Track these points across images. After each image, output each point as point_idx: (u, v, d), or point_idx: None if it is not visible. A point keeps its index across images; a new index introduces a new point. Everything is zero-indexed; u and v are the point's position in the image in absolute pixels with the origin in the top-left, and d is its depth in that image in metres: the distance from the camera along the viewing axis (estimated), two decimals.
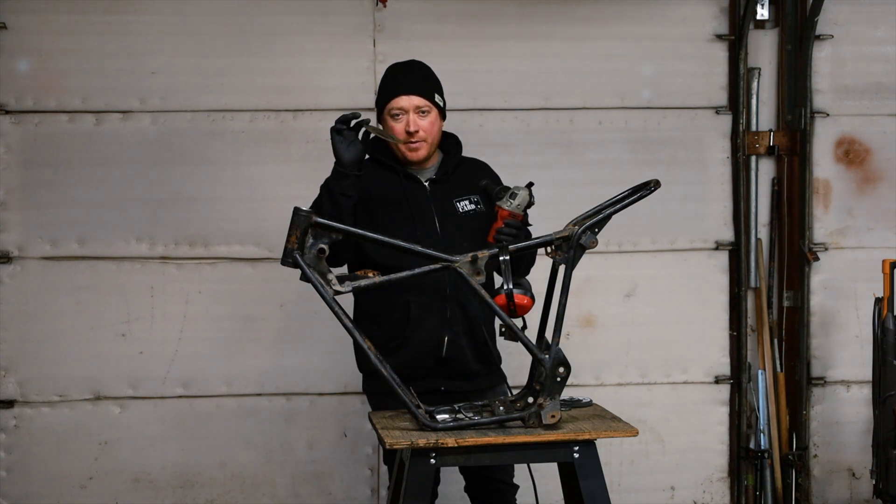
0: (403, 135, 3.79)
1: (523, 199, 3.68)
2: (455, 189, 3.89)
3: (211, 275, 5.22)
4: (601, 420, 3.53)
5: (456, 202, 3.87)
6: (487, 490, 4.03)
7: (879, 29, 5.46)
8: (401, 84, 3.82)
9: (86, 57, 5.13)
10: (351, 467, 5.30)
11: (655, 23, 5.37)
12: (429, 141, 3.83)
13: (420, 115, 3.80)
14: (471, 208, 3.87)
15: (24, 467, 5.18)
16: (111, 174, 5.16)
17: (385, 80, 3.89)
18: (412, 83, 3.82)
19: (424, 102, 3.81)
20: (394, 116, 3.80)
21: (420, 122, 3.80)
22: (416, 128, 3.79)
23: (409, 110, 3.79)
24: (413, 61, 3.94)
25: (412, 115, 3.79)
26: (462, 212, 3.86)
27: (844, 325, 5.48)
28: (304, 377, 5.26)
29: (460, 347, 3.81)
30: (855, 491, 5.50)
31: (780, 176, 5.50)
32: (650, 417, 5.41)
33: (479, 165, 4.01)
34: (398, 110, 3.79)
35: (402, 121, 3.79)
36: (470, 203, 3.88)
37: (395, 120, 3.80)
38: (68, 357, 5.17)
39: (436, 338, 3.79)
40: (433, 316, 3.79)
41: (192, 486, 5.25)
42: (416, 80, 3.84)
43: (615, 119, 5.38)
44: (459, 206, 3.86)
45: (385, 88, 3.86)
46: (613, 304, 5.40)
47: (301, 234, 3.30)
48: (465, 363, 3.84)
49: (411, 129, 3.79)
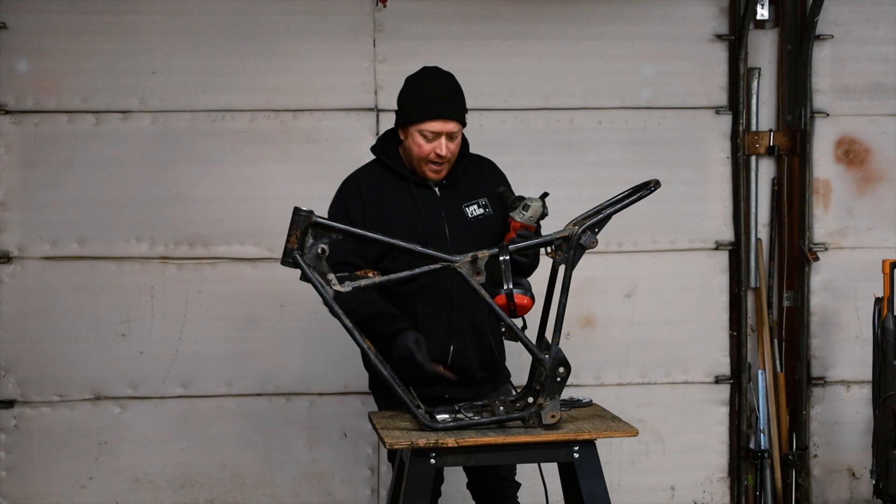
0: (432, 156, 3.74)
1: (536, 211, 3.65)
2: (464, 194, 3.87)
3: (211, 275, 5.22)
4: (601, 420, 3.53)
5: (465, 207, 3.86)
6: (489, 487, 4.03)
7: (879, 29, 5.46)
8: (441, 108, 3.73)
9: (86, 57, 5.13)
10: (351, 467, 5.30)
11: (655, 23, 5.37)
12: (451, 161, 3.81)
13: (450, 139, 3.75)
14: (479, 213, 3.86)
15: (24, 467, 5.18)
16: (111, 174, 5.16)
17: (421, 93, 3.77)
18: (452, 109, 3.75)
19: (458, 127, 3.76)
20: (424, 136, 3.73)
21: (450, 145, 3.75)
22: (446, 153, 3.75)
23: (442, 134, 3.73)
24: (449, 76, 3.83)
25: (444, 139, 3.73)
26: (471, 217, 3.85)
27: (844, 325, 5.48)
28: (304, 377, 5.26)
29: (466, 356, 3.82)
30: (855, 491, 5.51)
31: (780, 176, 5.50)
32: (650, 417, 5.41)
33: (485, 164, 4.00)
34: (432, 133, 3.73)
35: (434, 144, 3.73)
36: (478, 208, 3.87)
37: (425, 139, 3.73)
38: (68, 357, 5.17)
39: (442, 347, 3.79)
40: (440, 325, 3.79)
41: (192, 486, 5.25)
42: (454, 104, 3.76)
43: (615, 119, 5.38)
44: (468, 212, 3.85)
45: (421, 105, 3.74)
46: (613, 304, 5.40)
47: (301, 234, 3.30)
48: (471, 371, 3.84)
49: (442, 153, 3.74)
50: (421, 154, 3.75)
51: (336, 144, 5.23)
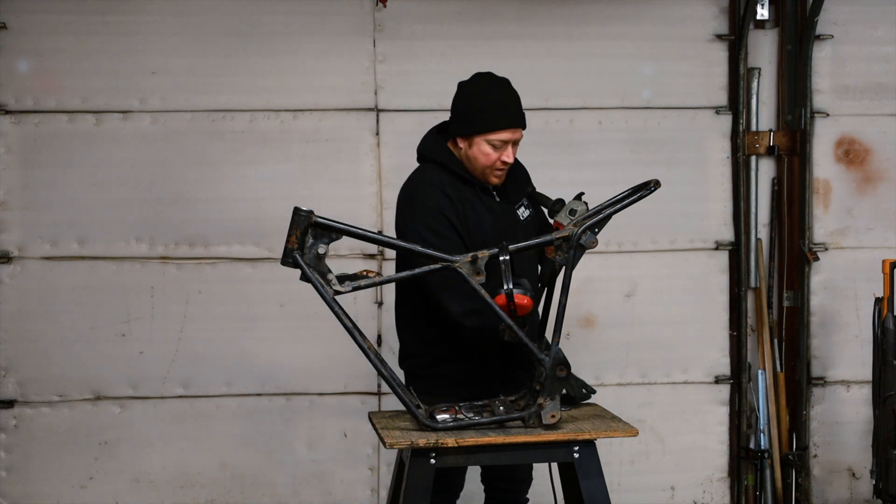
0: (498, 163, 3.72)
1: (582, 213, 3.60)
2: (513, 197, 3.88)
3: (211, 275, 5.22)
4: (601, 420, 3.53)
5: (517, 210, 3.87)
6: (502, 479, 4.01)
7: (879, 29, 5.46)
8: (512, 116, 3.72)
9: (86, 57, 5.14)
10: (351, 467, 5.30)
11: (655, 23, 5.37)
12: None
13: (515, 145, 3.75)
14: (527, 214, 3.89)
15: (24, 467, 5.18)
16: (111, 174, 5.16)
17: (489, 103, 3.72)
18: (520, 117, 3.74)
19: (521, 135, 3.76)
20: (493, 144, 3.70)
21: (514, 152, 3.76)
22: (513, 160, 3.75)
23: (510, 142, 3.72)
24: (506, 83, 3.79)
25: (511, 146, 3.73)
26: (522, 219, 3.87)
27: (844, 325, 5.48)
28: (304, 377, 5.26)
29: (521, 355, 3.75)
30: (855, 491, 5.51)
31: (780, 176, 5.50)
32: (650, 417, 5.41)
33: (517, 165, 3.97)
34: (500, 142, 3.70)
35: (501, 151, 3.71)
36: (525, 209, 3.89)
37: (493, 147, 3.71)
38: (68, 357, 5.17)
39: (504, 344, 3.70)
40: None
41: (192, 486, 5.25)
42: (519, 110, 3.76)
43: (615, 119, 5.38)
44: (520, 214, 3.87)
45: (492, 115, 3.70)
46: (613, 304, 5.40)
47: (301, 234, 3.30)
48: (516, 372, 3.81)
49: (510, 161, 3.73)
50: (488, 162, 3.71)
51: (336, 144, 5.23)
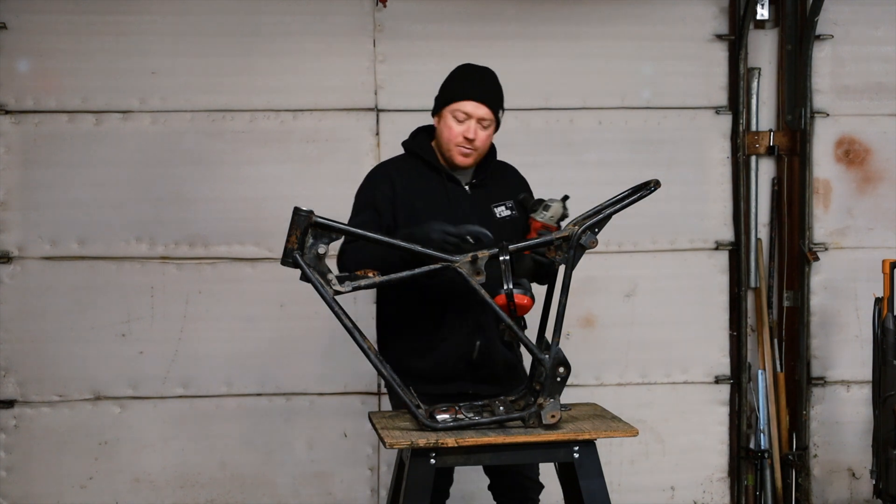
0: (460, 139, 3.78)
1: (556, 212, 3.68)
2: (493, 195, 3.90)
3: (211, 275, 5.22)
4: (601, 420, 3.53)
5: (494, 207, 3.88)
6: (511, 487, 4.01)
7: (879, 29, 5.46)
8: (476, 89, 3.80)
9: (86, 57, 5.14)
10: (351, 467, 5.30)
11: (655, 23, 5.37)
12: (480, 152, 3.84)
13: (481, 126, 3.79)
14: (507, 214, 3.89)
15: (24, 467, 5.18)
16: (111, 174, 5.16)
17: (458, 77, 3.86)
18: (486, 93, 3.81)
19: (489, 115, 3.80)
20: (456, 117, 3.78)
21: (480, 132, 3.79)
22: (475, 136, 3.78)
23: (473, 117, 3.78)
24: (488, 69, 3.91)
25: (475, 122, 3.78)
26: (499, 217, 3.87)
27: (844, 325, 5.48)
28: (304, 377, 5.26)
29: (491, 353, 3.83)
30: (855, 491, 5.50)
31: (780, 176, 5.49)
32: (650, 417, 5.41)
33: (509, 169, 4.03)
34: (464, 114, 3.77)
35: (464, 126, 3.78)
36: (506, 209, 3.90)
37: (457, 122, 3.78)
38: (68, 357, 5.17)
39: (469, 342, 3.81)
40: (467, 321, 3.80)
41: (192, 486, 5.25)
42: (490, 90, 3.83)
43: (615, 119, 5.38)
44: (497, 212, 3.88)
45: (457, 86, 3.83)
46: (613, 304, 5.40)
47: (301, 234, 3.30)
48: (494, 368, 3.85)
49: (470, 136, 3.78)
50: (451, 136, 3.79)
51: (336, 144, 5.23)
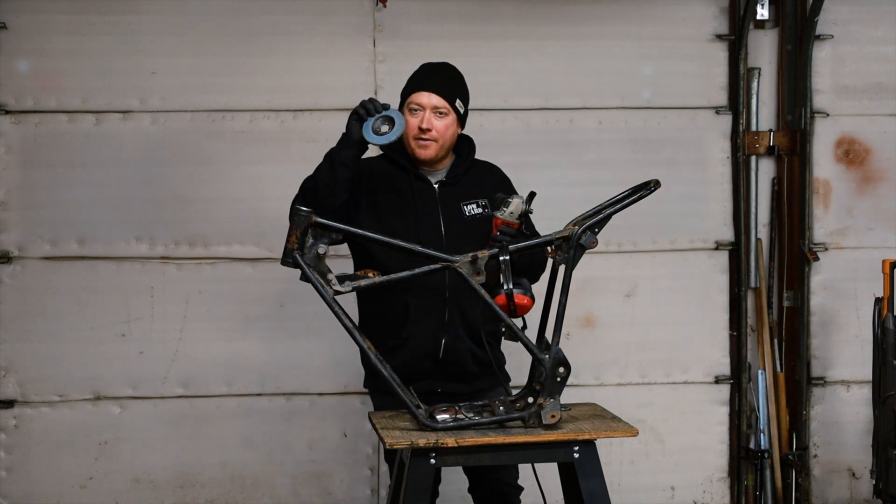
0: (416, 130, 3.82)
1: (516, 208, 3.65)
2: (463, 192, 3.90)
3: (211, 275, 5.22)
4: (601, 420, 3.53)
5: (463, 205, 3.88)
6: (491, 492, 4.02)
7: (879, 29, 5.46)
8: (425, 81, 3.86)
9: (86, 57, 5.13)
10: (351, 467, 5.30)
11: (655, 23, 5.37)
12: (440, 142, 3.84)
13: (437, 115, 3.82)
14: (477, 212, 3.89)
15: (24, 467, 5.18)
16: (111, 174, 5.16)
17: (413, 74, 3.93)
18: (436, 83, 3.86)
19: (443, 104, 3.83)
20: (412, 111, 3.83)
21: (435, 122, 3.82)
22: (429, 126, 3.81)
23: (426, 108, 3.82)
24: (445, 63, 3.97)
25: (429, 112, 3.81)
26: (468, 215, 3.87)
27: (844, 325, 5.48)
28: (304, 377, 5.26)
29: (458, 350, 3.82)
30: (855, 491, 5.50)
31: (780, 176, 5.49)
32: (650, 417, 5.41)
33: (491, 168, 4.03)
34: (416, 105, 3.82)
35: (418, 117, 3.82)
36: (477, 207, 3.89)
37: (412, 114, 3.83)
38: (68, 357, 5.17)
39: (434, 340, 3.80)
40: (432, 318, 3.80)
41: (192, 486, 5.25)
42: (440, 80, 3.87)
43: (615, 119, 5.38)
44: (466, 210, 3.88)
45: (410, 82, 3.90)
46: (613, 304, 5.40)
47: (301, 234, 3.30)
48: (463, 366, 3.84)
49: (424, 126, 3.81)
50: (409, 130, 3.82)
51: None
